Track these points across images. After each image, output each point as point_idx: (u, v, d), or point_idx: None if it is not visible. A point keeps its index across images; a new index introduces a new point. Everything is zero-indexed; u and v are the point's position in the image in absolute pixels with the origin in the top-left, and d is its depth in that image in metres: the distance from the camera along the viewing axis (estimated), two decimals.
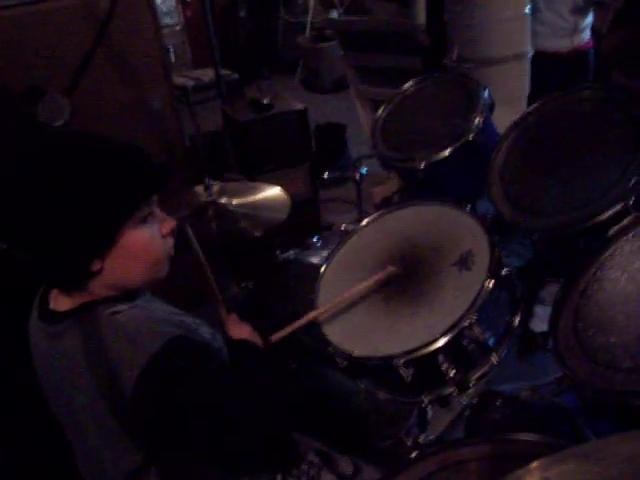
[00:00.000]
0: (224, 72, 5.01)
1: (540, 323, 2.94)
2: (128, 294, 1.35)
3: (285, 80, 8.01)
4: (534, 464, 0.80)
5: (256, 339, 1.61)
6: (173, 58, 4.64)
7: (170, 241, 1.40)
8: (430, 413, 2.18)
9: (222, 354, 1.48)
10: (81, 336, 1.28)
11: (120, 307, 1.30)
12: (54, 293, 1.38)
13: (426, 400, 1.62)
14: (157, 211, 1.36)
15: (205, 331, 1.47)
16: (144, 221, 1.31)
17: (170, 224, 1.38)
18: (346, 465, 1.66)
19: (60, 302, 1.35)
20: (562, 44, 3.72)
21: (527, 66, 3.40)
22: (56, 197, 1.21)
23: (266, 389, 1.47)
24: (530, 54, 3.38)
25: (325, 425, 1.87)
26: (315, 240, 2.47)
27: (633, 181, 1.57)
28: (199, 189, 2.32)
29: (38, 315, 1.39)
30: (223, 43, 6.84)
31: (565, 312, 1.45)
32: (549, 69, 3.64)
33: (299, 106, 3.91)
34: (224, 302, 1.74)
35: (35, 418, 1.80)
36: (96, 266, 1.27)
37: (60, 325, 1.32)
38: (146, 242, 1.32)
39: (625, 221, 1.51)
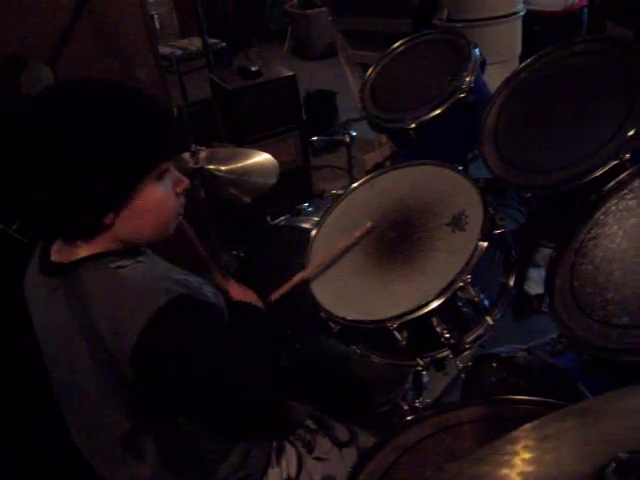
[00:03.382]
0: (212, 41, 4.96)
1: (534, 286, 2.94)
2: (133, 250, 1.33)
3: (274, 48, 7.95)
4: (533, 423, 0.79)
5: (259, 302, 1.61)
6: (158, 25, 4.58)
7: (181, 200, 1.39)
8: (426, 378, 2.18)
9: (225, 315, 1.46)
10: (83, 288, 1.25)
11: (125, 262, 1.28)
12: (56, 246, 1.35)
13: (421, 363, 1.61)
14: (172, 169, 1.34)
15: (208, 290, 1.44)
16: (161, 177, 1.29)
17: (184, 183, 1.37)
18: (342, 432, 1.65)
19: (63, 254, 1.31)
20: (555, 3, 3.66)
21: (518, 25, 3.36)
22: (83, 142, 1.18)
23: (267, 351, 1.46)
24: (522, 13, 3.33)
25: (321, 393, 1.86)
26: (306, 206, 2.43)
27: (629, 135, 1.54)
28: (186, 156, 2.28)
29: (39, 268, 1.36)
30: (210, 12, 6.77)
31: (561, 271, 1.43)
32: (542, 29, 3.60)
33: (287, 73, 3.88)
34: (219, 269, 1.73)
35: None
36: (109, 219, 1.24)
37: (58, 278, 1.29)
38: (162, 198, 1.30)
39: (620, 177, 1.48)
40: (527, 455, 0.76)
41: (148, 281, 1.26)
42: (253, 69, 3.82)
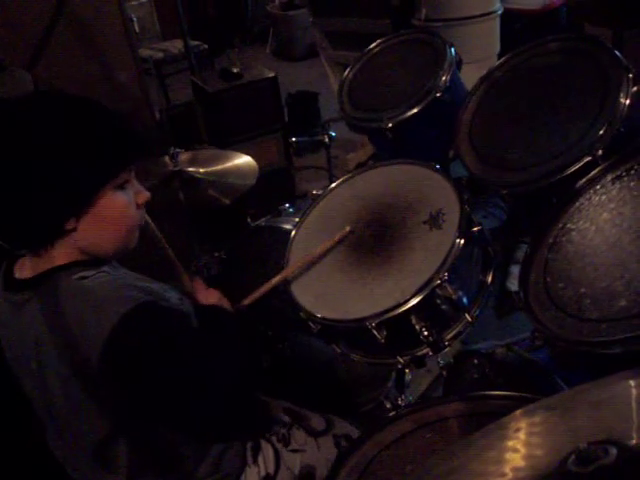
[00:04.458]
0: (193, 43, 4.96)
1: (516, 282, 2.96)
2: (95, 260, 1.34)
3: (256, 50, 7.95)
4: (505, 418, 0.80)
5: (225, 303, 1.60)
6: (139, 28, 4.57)
7: (142, 212, 1.41)
8: (409, 376, 2.19)
9: (191, 319, 1.47)
10: (46, 302, 1.26)
11: (87, 272, 1.29)
12: (19, 263, 1.36)
13: (401, 361, 1.61)
14: (134, 180, 1.36)
15: (173, 296, 1.46)
16: (122, 187, 1.31)
17: (145, 195, 1.39)
18: (317, 421, 1.67)
19: (26, 270, 1.33)
20: (533, 1, 3.69)
21: (496, 24, 3.38)
22: (38, 150, 1.20)
23: (237, 353, 1.47)
24: (499, 12, 3.36)
25: (304, 392, 1.87)
26: (287, 206, 2.44)
27: (601, 132, 1.56)
28: (166, 159, 2.28)
29: (3, 285, 1.37)
30: (192, 14, 6.77)
31: (535, 266, 1.45)
32: (521, 27, 3.62)
33: (269, 74, 3.89)
34: (186, 271, 1.73)
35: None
36: (70, 225, 1.25)
37: (25, 293, 1.30)
38: (122, 208, 1.32)
39: (592, 173, 1.50)
40: (496, 450, 0.78)
41: (111, 290, 1.27)
42: (235, 71, 3.82)
